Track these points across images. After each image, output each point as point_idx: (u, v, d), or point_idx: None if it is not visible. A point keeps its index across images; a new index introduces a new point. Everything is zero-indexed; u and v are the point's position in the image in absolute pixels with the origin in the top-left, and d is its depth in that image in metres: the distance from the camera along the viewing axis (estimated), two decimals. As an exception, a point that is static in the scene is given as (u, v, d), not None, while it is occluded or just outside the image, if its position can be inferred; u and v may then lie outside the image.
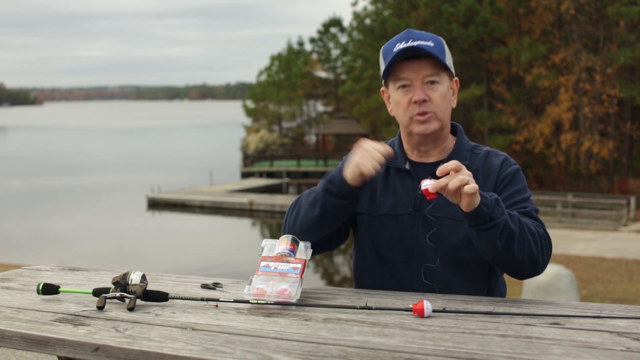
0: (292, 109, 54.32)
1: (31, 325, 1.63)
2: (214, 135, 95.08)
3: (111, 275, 2.11)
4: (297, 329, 1.56)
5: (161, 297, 1.77)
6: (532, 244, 1.82)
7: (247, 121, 59.98)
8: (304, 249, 1.85)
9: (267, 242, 1.88)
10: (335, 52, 52.30)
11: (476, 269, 1.95)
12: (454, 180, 1.68)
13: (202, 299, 1.77)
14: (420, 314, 1.62)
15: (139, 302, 1.76)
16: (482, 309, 1.69)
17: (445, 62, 1.94)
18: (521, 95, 33.29)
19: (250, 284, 1.76)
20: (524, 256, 1.81)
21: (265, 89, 55.91)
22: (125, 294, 1.74)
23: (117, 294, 1.75)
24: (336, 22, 51.99)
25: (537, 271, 1.88)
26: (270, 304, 1.71)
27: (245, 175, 43.93)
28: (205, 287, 1.97)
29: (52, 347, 1.55)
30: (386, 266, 2.00)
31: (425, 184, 1.74)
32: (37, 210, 31.66)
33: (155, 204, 32.95)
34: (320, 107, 55.36)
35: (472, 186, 1.68)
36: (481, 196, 1.73)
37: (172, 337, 1.51)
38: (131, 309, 1.71)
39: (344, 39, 52.08)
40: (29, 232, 25.96)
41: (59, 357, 1.62)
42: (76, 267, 2.32)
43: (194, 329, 1.56)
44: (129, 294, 1.74)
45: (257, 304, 1.71)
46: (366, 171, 1.81)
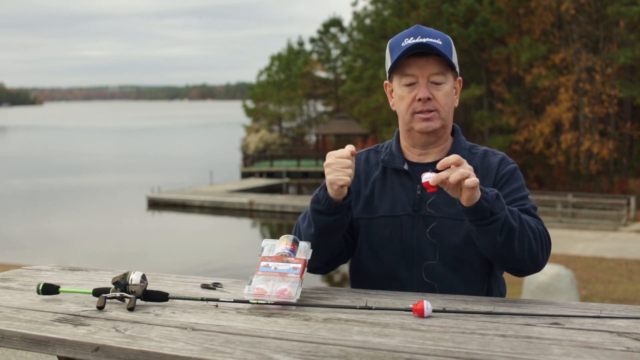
0: (292, 109, 54.32)
1: (31, 325, 1.63)
2: (214, 135, 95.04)
3: (111, 275, 2.11)
4: (297, 329, 1.56)
5: (161, 297, 1.77)
6: (532, 240, 1.82)
7: (247, 121, 59.97)
8: (304, 249, 1.85)
9: (267, 242, 1.88)
10: (335, 52, 52.35)
11: (476, 269, 1.95)
12: (455, 173, 1.68)
13: (202, 299, 1.77)
14: (420, 314, 1.62)
15: (139, 302, 1.76)
16: (482, 309, 1.69)
17: (452, 61, 1.94)
18: (521, 95, 33.29)
19: (250, 284, 1.76)
20: (524, 252, 1.81)
21: (265, 89, 55.90)
22: (125, 294, 1.74)
23: (117, 294, 1.75)
24: (336, 22, 51.99)
25: (536, 268, 1.88)
26: (270, 304, 1.71)
27: (245, 175, 43.93)
28: (205, 287, 1.97)
29: (52, 347, 1.55)
30: (386, 266, 1.99)
31: (426, 177, 1.74)
32: (37, 210, 31.64)
33: (155, 204, 32.95)
34: (320, 107, 55.36)
35: (473, 180, 1.68)
36: (482, 191, 1.73)
37: (172, 337, 1.51)
38: (131, 309, 1.71)
39: (344, 39, 52.16)
40: (29, 232, 25.94)
41: (59, 357, 1.62)
42: (76, 267, 2.32)
43: (194, 329, 1.56)
44: (129, 294, 1.74)
45: (257, 304, 1.71)
46: (342, 183, 1.82)
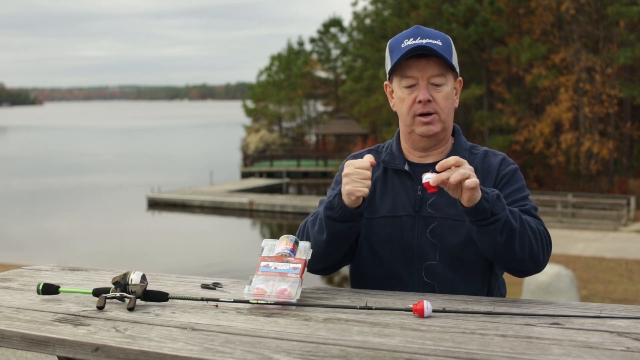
0: (292, 109, 54.31)
1: (31, 325, 1.63)
2: (214, 135, 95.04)
3: (111, 275, 2.11)
4: (297, 329, 1.56)
5: (161, 297, 1.77)
6: (533, 241, 1.82)
7: (247, 121, 59.97)
8: (304, 249, 1.85)
9: (267, 242, 1.88)
10: (335, 52, 52.34)
11: (476, 269, 1.95)
12: (455, 174, 1.69)
13: (202, 299, 1.77)
14: (420, 314, 1.62)
15: (139, 302, 1.76)
16: (482, 309, 1.69)
17: (452, 62, 1.94)
18: (521, 95, 33.28)
19: (250, 284, 1.76)
20: (524, 253, 1.81)
21: (265, 89, 55.90)
22: (125, 294, 1.74)
23: (117, 294, 1.75)
24: (336, 22, 51.98)
25: (537, 268, 1.87)
26: (270, 304, 1.70)
27: (245, 175, 43.93)
28: (205, 287, 1.97)
29: (52, 347, 1.55)
30: (386, 267, 1.99)
31: (426, 177, 1.74)
32: (37, 210, 31.64)
33: (155, 204, 32.96)
34: (320, 107, 55.36)
35: (473, 180, 1.69)
36: (482, 191, 1.73)
37: (172, 337, 1.51)
38: (131, 309, 1.71)
39: (344, 39, 52.15)
40: (29, 232, 25.94)
41: (59, 357, 1.62)
42: (76, 267, 2.31)
43: (194, 329, 1.56)
44: (129, 294, 1.74)
45: (257, 304, 1.71)
46: (361, 194, 1.82)
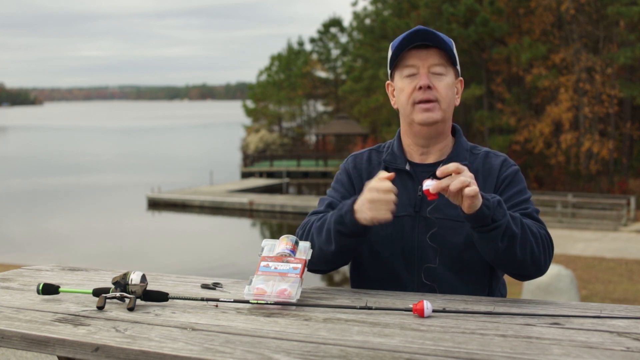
0: (292, 109, 54.32)
1: (31, 325, 1.63)
2: (214, 135, 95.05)
3: (111, 275, 2.11)
4: (297, 329, 1.56)
5: (161, 297, 1.77)
6: (534, 246, 1.81)
7: (247, 121, 59.98)
8: (304, 249, 1.85)
9: (267, 242, 1.88)
10: (335, 52, 52.34)
11: (477, 270, 1.95)
12: (455, 181, 1.68)
13: (202, 299, 1.77)
14: (420, 314, 1.62)
15: (139, 302, 1.76)
16: (482, 309, 1.69)
17: (453, 53, 1.96)
18: (521, 95, 33.28)
19: (250, 284, 1.76)
20: (525, 257, 1.81)
21: (265, 89, 55.91)
22: (125, 294, 1.74)
23: (117, 294, 1.75)
24: (336, 22, 51.98)
25: (538, 272, 1.88)
26: (270, 304, 1.70)
27: (245, 175, 43.93)
28: (205, 287, 1.97)
29: (52, 347, 1.55)
30: (386, 267, 1.99)
31: (426, 185, 1.74)
32: (37, 210, 31.64)
33: (155, 204, 32.96)
34: (320, 107, 55.36)
35: (473, 189, 1.68)
36: (483, 198, 1.73)
37: (172, 337, 1.51)
38: (131, 309, 1.71)
39: (344, 39, 52.16)
40: (29, 232, 25.95)
41: (59, 357, 1.62)
42: (76, 267, 2.31)
43: (194, 329, 1.56)
44: (129, 294, 1.74)
45: (257, 304, 1.71)
46: (384, 219, 1.79)
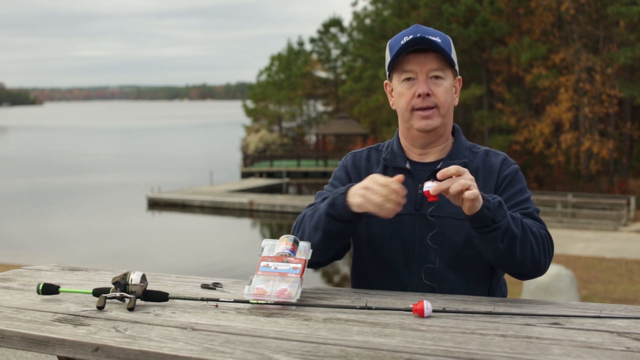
0: (292, 109, 54.32)
1: (31, 325, 1.63)
2: (214, 135, 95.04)
3: (111, 275, 2.11)
4: (297, 329, 1.56)
5: (161, 297, 1.77)
6: (534, 246, 1.81)
7: (247, 121, 59.97)
8: (304, 249, 1.85)
9: (267, 242, 1.88)
10: (335, 52, 52.35)
11: (477, 269, 1.95)
12: (455, 184, 1.68)
13: (202, 299, 1.77)
14: (420, 314, 1.62)
15: (139, 302, 1.76)
16: (482, 309, 1.69)
17: (451, 56, 1.94)
18: (521, 95, 33.28)
19: (250, 284, 1.76)
20: (526, 258, 1.81)
21: (265, 89, 55.90)
22: (125, 294, 1.74)
23: (117, 294, 1.75)
24: (336, 22, 51.98)
25: (539, 272, 1.88)
26: (270, 304, 1.70)
27: (245, 175, 43.92)
28: (205, 287, 1.97)
29: (52, 347, 1.55)
30: (386, 267, 1.99)
31: (426, 186, 1.74)
32: (37, 210, 31.65)
33: (155, 204, 32.95)
34: (320, 107, 55.36)
35: (473, 192, 1.68)
36: (484, 199, 1.73)
37: (172, 337, 1.51)
38: (131, 309, 1.71)
39: (344, 39, 52.16)
40: (29, 232, 25.95)
41: (59, 357, 1.62)
42: (76, 267, 2.31)
43: (194, 329, 1.56)
44: (129, 294, 1.74)
45: (257, 304, 1.71)
46: (372, 210, 1.77)
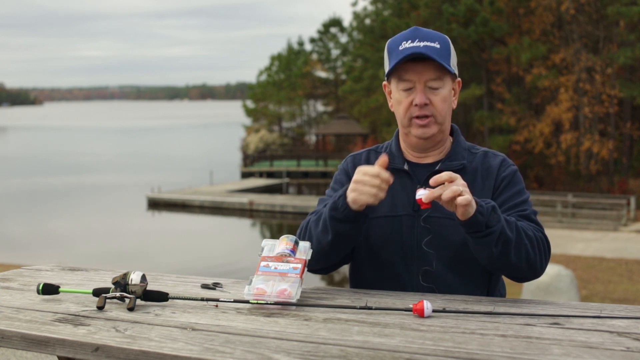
0: (292, 109, 54.31)
1: (31, 325, 1.63)
2: (214, 135, 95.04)
3: (111, 275, 2.11)
4: (297, 329, 1.56)
5: (161, 297, 1.77)
6: (530, 249, 1.82)
7: (247, 121, 59.97)
8: (304, 249, 1.85)
9: (267, 242, 1.88)
10: (335, 52, 52.34)
11: (476, 269, 1.95)
12: (447, 191, 1.69)
13: (202, 299, 1.77)
14: (420, 314, 1.62)
15: (139, 302, 1.76)
16: (482, 309, 1.69)
17: (449, 65, 1.92)
18: (521, 95, 33.28)
19: (250, 284, 1.76)
20: (521, 261, 1.82)
21: (265, 89, 55.90)
22: (125, 294, 1.74)
23: (117, 294, 1.75)
24: (336, 22, 51.98)
25: (535, 275, 1.89)
26: (270, 304, 1.71)
27: (245, 175, 43.93)
28: (205, 287, 1.97)
29: (52, 347, 1.55)
30: (385, 268, 1.99)
31: (419, 194, 1.75)
32: (37, 210, 31.64)
33: (155, 204, 32.96)
34: (320, 107, 55.36)
35: (465, 198, 1.69)
36: (477, 204, 1.74)
37: (172, 337, 1.51)
38: (131, 309, 1.71)
39: (344, 39, 52.16)
40: (29, 232, 25.95)
41: (59, 357, 1.62)
42: (76, 267, 2.31)
43: (194, 329, 1.56)
44: (129, 294, 1.74)
45: (257, 304, 1.71)
46: (367, 202, 1.79)
